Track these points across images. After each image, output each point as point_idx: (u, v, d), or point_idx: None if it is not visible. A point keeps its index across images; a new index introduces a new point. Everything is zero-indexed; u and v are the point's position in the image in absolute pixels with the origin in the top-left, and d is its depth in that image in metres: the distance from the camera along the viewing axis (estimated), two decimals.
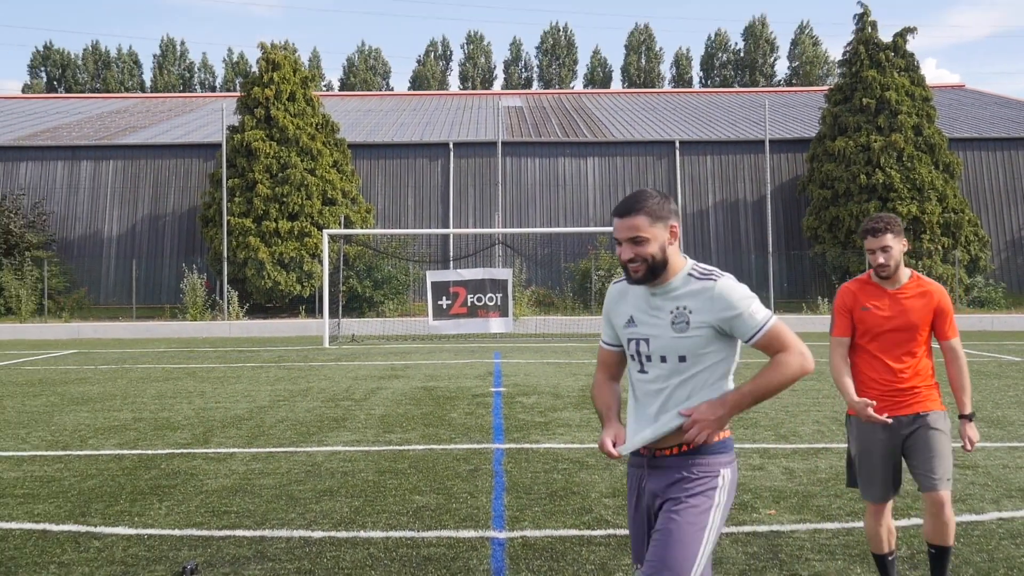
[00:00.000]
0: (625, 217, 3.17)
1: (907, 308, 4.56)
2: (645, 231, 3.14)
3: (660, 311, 3.23)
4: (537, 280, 33.24)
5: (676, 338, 3.19)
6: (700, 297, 3.18)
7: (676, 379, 3.22)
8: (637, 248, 3.15)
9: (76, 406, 11.99)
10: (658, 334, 3.23)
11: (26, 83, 74.64)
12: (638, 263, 3.16)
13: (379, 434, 9.63)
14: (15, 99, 53.69)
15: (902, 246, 4.58)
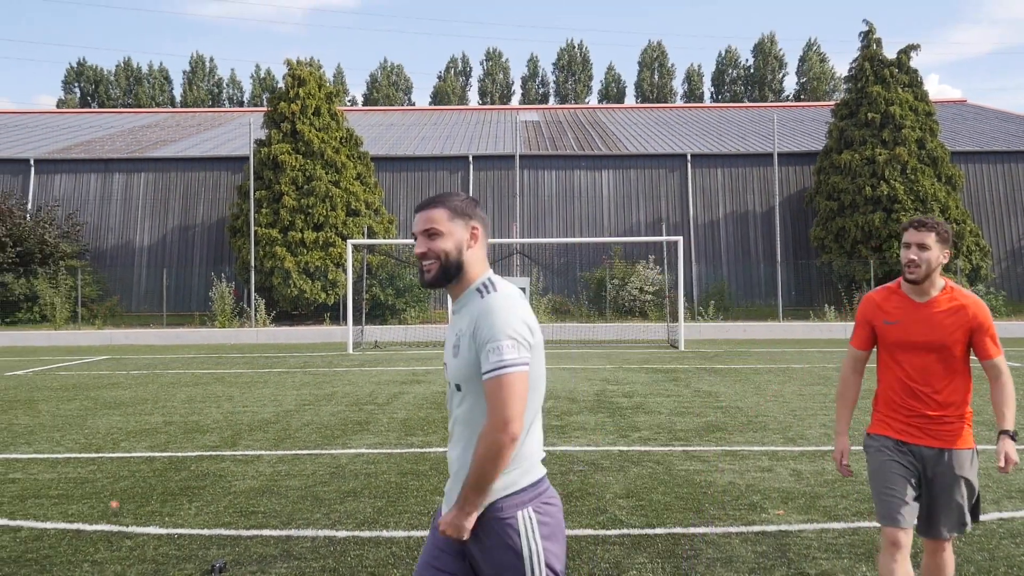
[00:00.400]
0: (423, 210, 2.99)
1: (936, 324, 4.08)
2: (441, 225, 2.91)
3: (452, 331, 2.93)
4: (554, 288, 33.67)
5: (453, 362, 2.85)
6: (472, 315, 2.81)
7: (458, 411, 2.87)
8: (431, 242, 2.91)
9: (109, 410, 12.07)
10: (448, 358, 2.91)
11: (60, 98, 75.38)
12: (431, 260, 2.90)
13: (401, 437, 9.70)
14: (50, 114, 54.21)
15: (942, 256, 4.11)
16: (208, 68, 76.40)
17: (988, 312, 4.13)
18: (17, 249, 30.74)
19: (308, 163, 30.55)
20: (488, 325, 2.72)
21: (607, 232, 34.76)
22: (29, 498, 7.10)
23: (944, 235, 4.13)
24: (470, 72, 79.69)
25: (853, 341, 4.36)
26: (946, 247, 4.14)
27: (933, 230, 4.10)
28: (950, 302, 4.11)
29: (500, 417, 2.67)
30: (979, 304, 4.11)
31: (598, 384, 14.93)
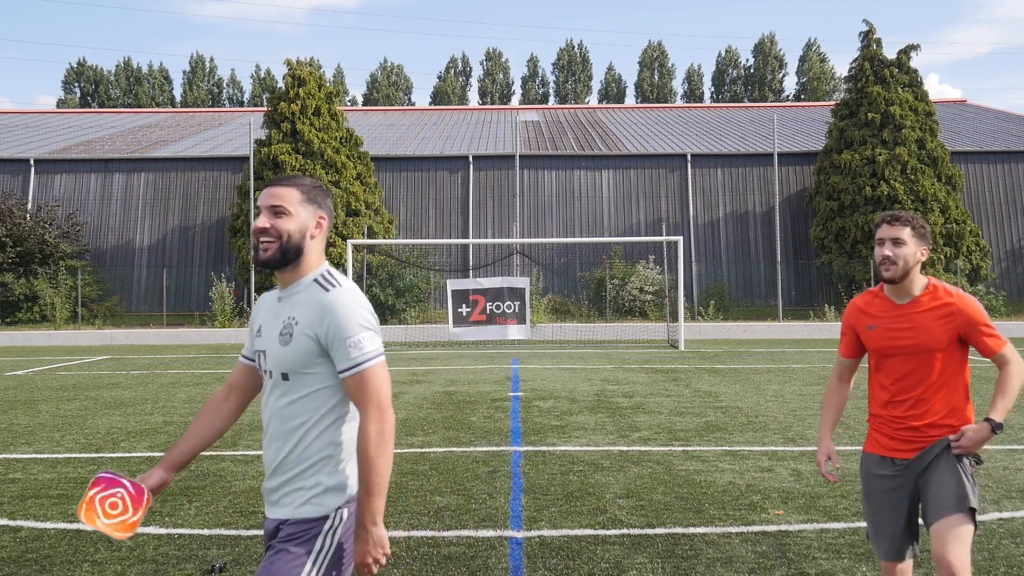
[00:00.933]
0: (273, 186, 2.86)
1: (918, 326, 3.81)
2: (290, 204, 2.82)
3: (278, 319, 2.86)
4: (554, 288, 33.70)
5: (281, 350, 2.79)
6: (312, 306, 2.77)
7: (277, 403, 2.83)
8: (276, 219, 2.81)
9: (109, 410, 12.09)
10: (270, 346, 2.85)
11: (60, 98, 75.47)
12: (271, 238, 2.81)
13: (401, 437, 9.66)
14: (50, 114, 54.18)
15: (919, 252, 3.85)
16: (208, 68, 76.48)
17: (977, 306, 3.83)
18: (17, 249, 30.77)
19: (308, 163, 30.54)
20: (338, 321, 2.71)
21: (607, 232, 34.79)
22: (29, 498, 7.11)
23: (920, 229, 3.88)
24: (470, 72, 79.80)
25: (840, 349, 4.18)
26: (924, 243, 3.88)
27: (908, 224, 3.85)
28: (933, 301, 3.84)
29: (376, 406, 2.71)
30: (965, 299, 3.82)
31: (598, 384, 14.94)
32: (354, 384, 2.73)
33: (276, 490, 2.83)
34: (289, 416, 2.79)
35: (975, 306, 3.84)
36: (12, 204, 31.73)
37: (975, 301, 3.87)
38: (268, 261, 2.81)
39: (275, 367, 2.81)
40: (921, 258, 3.88)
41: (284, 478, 2.81)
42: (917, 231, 3.86)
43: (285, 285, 2.88)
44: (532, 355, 21.60)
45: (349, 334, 2.71)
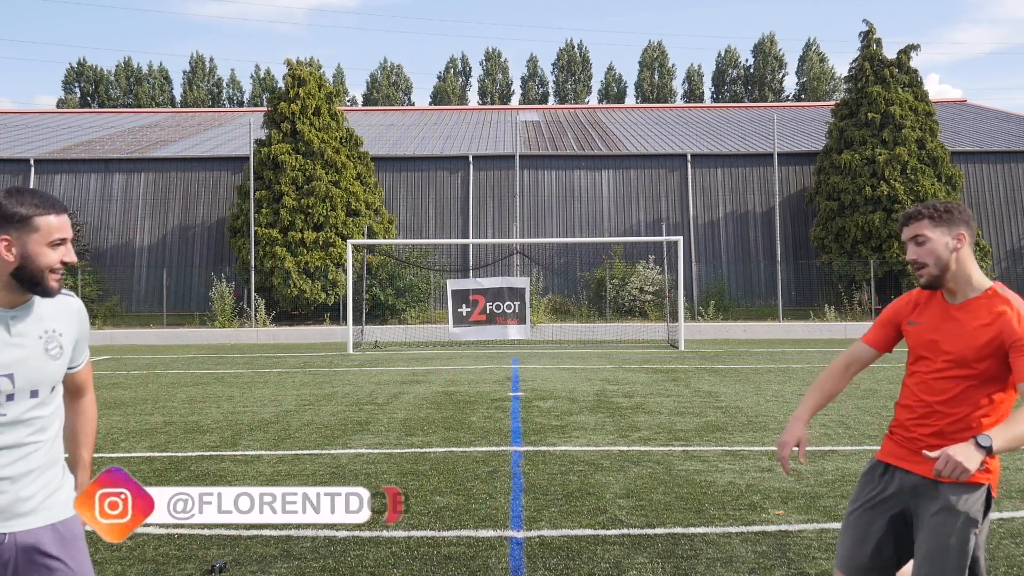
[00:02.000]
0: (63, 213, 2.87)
1: (961, 332, 3.29)
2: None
3: (33, 329, 2.80)
4: (554, 288, 33.69)
5: (52, 364, 2.81)
6: (68, 313, 2.93)
7: (28, 415, 2.78)
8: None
9: (109, 410, 12.01)
10: (37, 362, 2.78)
11: (60, 98, 75.20)
12: None
13: (401, 437, 9.72)
14: (50, 114, 54.13)
15: (954, 241, 3.29)
16: (208, 68, 76.42)
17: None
18: None
19: (308, 163, 30.54)
20: (87, 323, 2.96)
21: (607, 232, 34.79)
22: None
23: (940, 216, 3.30)
24: (470, 72, 79.81)
25: (865, 335, 3.70)
26: (955, 228, 3.29)
27: (924, 216, 3.32)
28: (987, 305, 3.26)
29: (92, 390, 3.13)
30: (1020, 312, 3.18)
31: (598, 384, 14.93)
32: (84, 375, 3.07)
33: (45, 496, 2.82)
34: (43, 427, 2.83)
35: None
36: None
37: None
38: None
39: (42, 383, 2.78)
40: (958, 246, 3.29)
41: (54, 481, 2.88)
42: (938, 218, 3.30)
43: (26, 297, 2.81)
44: (532, 355, 21.59)
45: (87, 337, 3.01)
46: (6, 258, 2.69)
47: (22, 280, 2.72)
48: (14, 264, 2.71)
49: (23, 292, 2.76)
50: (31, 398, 2.73)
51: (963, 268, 3.30)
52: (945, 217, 3.30)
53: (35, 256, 2.72)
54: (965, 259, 3.30)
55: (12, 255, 2.70)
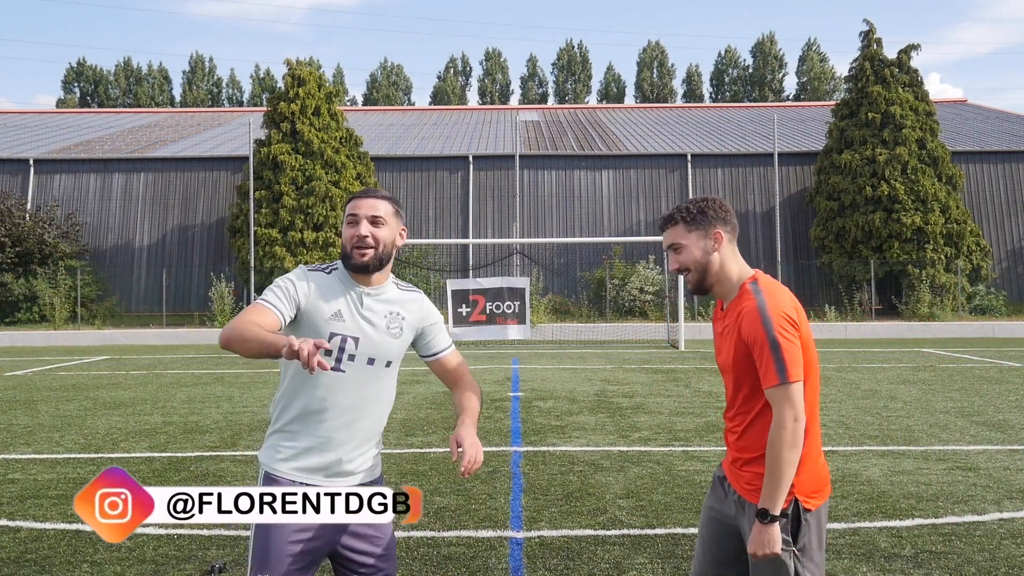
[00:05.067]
0: (371, 198, 3.19)
1: (722, 338, 3.16)
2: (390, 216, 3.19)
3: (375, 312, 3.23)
4: (554, 288, 33.70)
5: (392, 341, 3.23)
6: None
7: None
8: (375, 229, 3.16)
9: (108, 410, 12.02)
10: (372, 334, 3.21)
11: (60, 98, 75.26)
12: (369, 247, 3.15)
13: (401, 437, 9.67)
14: (50, 114, 54.18)
15: (711, 244, 3.09)
16: (208, 68, 76.43)
17: (765, 319, 2.92)
18: (16, 249, 30.75)
19: (308, 163, 30.57)
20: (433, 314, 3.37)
21: (607, 232, 34.79)
22: (29, 498, 7.09)
23: (693, 218, 3.11)
24: (470, 72, 79.83)
25: None
26: (711, 227, 3.09)
27: (677, 221, 3.13)
28: (736, 307, 3.07)
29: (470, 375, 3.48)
30: (754, 309, 2.95)
31: (598, 384, 14.93)
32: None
33: (361, 465, 3.19)
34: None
35: (760, 315, 2.93)
36: (11, 204, 31.70)
37: (767, 308, 2.94)
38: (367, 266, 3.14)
39: (380, 355, 3.16)
40: (716, 246, 3.09)
41: (370, 451, 3.23)
42: (691, 221, 3.10)
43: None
44: (532, 355, 21.60)
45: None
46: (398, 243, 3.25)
47: (343, 257, 3.19)
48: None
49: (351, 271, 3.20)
50: (368, 365, 3.13)
51: (725, 268, 3.12)
52: (699, 219, 3.10)
53: (343, 233, 3.20)
54: (726, 258, 3.11)
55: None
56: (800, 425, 2.85)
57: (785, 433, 2.84)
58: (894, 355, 20.37)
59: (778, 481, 2.86)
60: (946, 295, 30.23)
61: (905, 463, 8.15)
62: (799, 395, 2.87)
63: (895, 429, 10.04)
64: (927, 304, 29.64)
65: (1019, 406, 11.88)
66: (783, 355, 2.87)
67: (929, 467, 7.97)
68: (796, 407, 2.86)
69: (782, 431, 2.84)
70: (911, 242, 30.40)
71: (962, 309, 30.57)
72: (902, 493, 6.99)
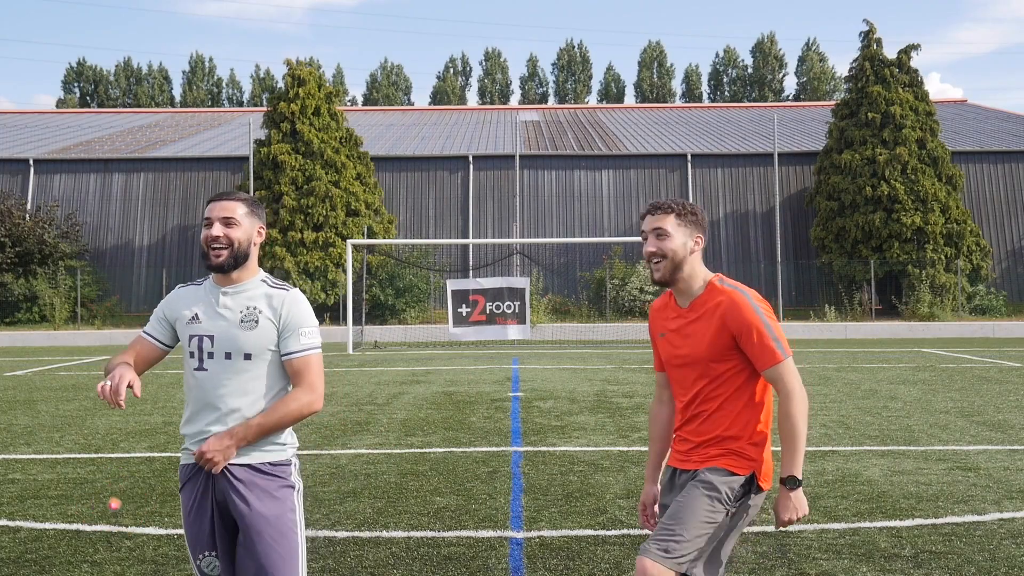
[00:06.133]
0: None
1: (692, 333, 3.26)
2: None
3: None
4: (554, 288, 33.69)
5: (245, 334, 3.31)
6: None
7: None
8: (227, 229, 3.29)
9: (108, 410, 11.96)
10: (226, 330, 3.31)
11: (60, 98, 75.06)
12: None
13: (401, 437, 9.68)
14: (50, 114, 54.15)
15: (692, 242, 3.32)
16: (208, 68, 76.32)
17: (749, 306, 3.17)
18: (16, 249, 30.74)
19: (308, 163, 30.59)
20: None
21: (607, 232, 34.75)
22: (28, 499, 7.07)
23: (687, 215, 3.31)
24: (469, 72, 79.78)
25: (654, 363, 3.58)
26: (696, 231, 3.33)
27: (671, 211, 3.32)
28: (708, 301, 3.26)
29: (309, 386, 3.38)
30: (735, 300, 3.19)
31: (598, 384, 14.93)
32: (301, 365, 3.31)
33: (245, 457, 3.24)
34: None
35: (748, 306, 3.18)
36: (11, 204, 31.69)
37: (749, 300, 3.21)
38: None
39: (235, 348, 3.22)
40: (696, 248, 3.34)
41: (265, 442, 3.28)
42: (684, 218, 3.31)
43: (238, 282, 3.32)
44: (532, 355, 21.58)
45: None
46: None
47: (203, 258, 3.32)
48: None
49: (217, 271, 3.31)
50: (226, 359, 3.22)
51: (694, 270, 3.34)
52: (690, 218, 3.33)
53: (201, 236, 3.33)
54: (697, 262, 3.35)
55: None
56: (805, 392, 3.18)
57: (798, 400, 3.14)
58: (894, 355, 20.37)
59: (799, 448, 3.20)
60: (946, 295, 30.24)
61: (905, 463, 8.14)
62: (796, 370, 3.19)
63: (895, 429, 10.03)
64: (927, 304, 29.64)
65: (1019, 406, 11.87)
66: (777, 334, 3.16)
67: (929, 467, 7.95)
68: (798, 376, 3.18)
69: (794, 399, 3.15)
70: (911, 242, 30.41)
71: (962, 309, 30.58)
72: (902, 493, 6.98)
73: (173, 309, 3.32)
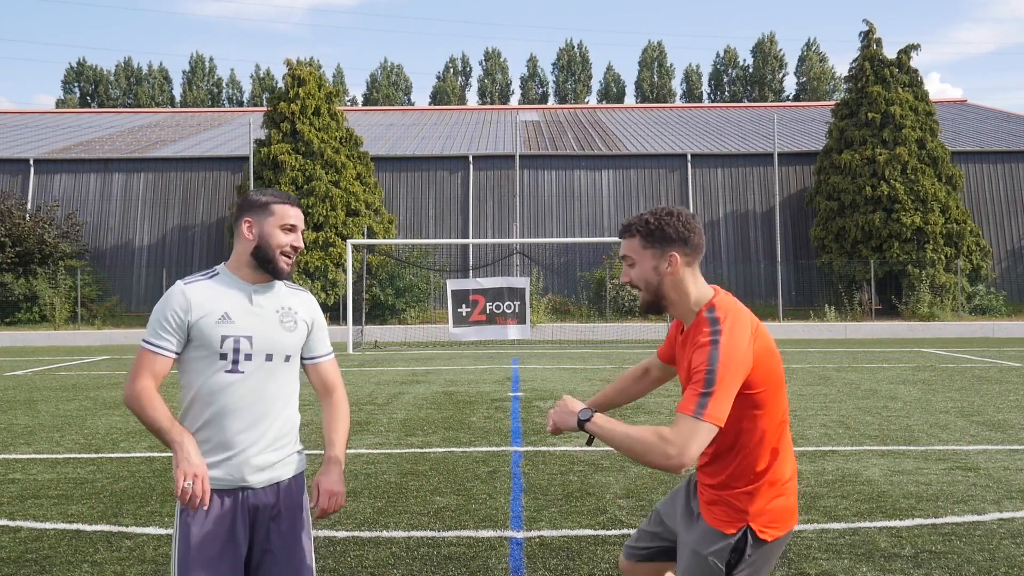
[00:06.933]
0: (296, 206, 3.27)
1: (683, 359, 2.95)
2: None
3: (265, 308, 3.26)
4: (554, 288, 33.72)
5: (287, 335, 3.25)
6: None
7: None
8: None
9: (108, 410, 12.00)
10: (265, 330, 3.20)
11: (60, 98, 75.27)
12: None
13: (401, 437, 9.71)
14: (50, 114, 54.16)
15: (666, 264, 2.89)
16: (208, 68, 76.42)
17: (709, 349, 2.70)
18: (16, 249, 30.74)
19: (308, 163, 30.59)
20: (321, 314, 3.36)
21: (607, 232, 34.72)
22: (29, 498, 7.08)
23: (651, 233, 2.89)
24: (469, 72, 79.82)
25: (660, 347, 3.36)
26: (667, 248, 2.87)
27: (635, 233, 2.91)
28: (693, 337, 2.85)
29: (343, 388, 3.46)
30: (707, 343, 2.73)
31: (598, 384, 14.89)
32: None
33: (277, 460, 3.15)
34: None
35: (709, 347, 2.72)
36: (11, 204, 31.71)
37: (716, 341, 2.73)
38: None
39: (277, 350, 3.13)
40: (670, 269, 2.88)
41: (287, 447, 3.18)
42: (651, 237, 2.89)
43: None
44: (532, 355, 21.57)
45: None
46: (247, 237, 3.15)
47: (259, 259, 3.13)
48: (254, 243, 3.14)
49: (265, 273, 3.16)
50: (266, 362, 3.09)
51: (680, 291, 2.90)
52: (657, 235, 2.87)
53: (269, 236, 3.12)
54: (682, 282, 2.89)
55: (252, 234, 3.14)
56: (676, 461, 2.59)
57: (657, 450, 2.61)
58: (894, 355, 20.36)
59: (613, 433, 2.74)
60: (946, 295, 30.23)
61: (905, 463, 8.14)
62: (701, 439, 2.62)
63: (895, 429, 10.03)
64: (927, 304, 29.64)
65: (1019, 406, 11.86)
66: (713, 391, 2.64)
67: (929, 467, 7.96)
68: (688, 446, 2.60)
69: (660, 446, 2.61)
70: (911, 242, 30.40)
71: (962, 309, 30.58)
72: (902, 493, 6.99)
73: (193, 308, 3.06)
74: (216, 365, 3.06)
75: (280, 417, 3.14)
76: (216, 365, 3.06)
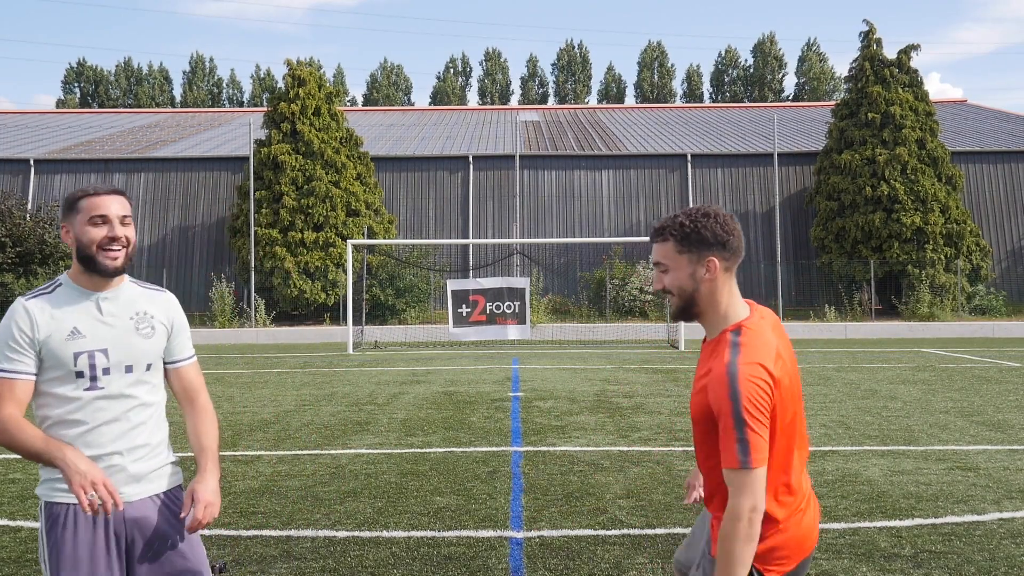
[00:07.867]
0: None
1: (698, 388, 2.72)
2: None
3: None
4: (554, 288, 33.70)
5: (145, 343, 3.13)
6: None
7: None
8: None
9: None
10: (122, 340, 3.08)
11: (60, 98, 75.16)
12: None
13: (401, 437, 9.72)
14: (50, 114, 54.11)
15: (703, 269, 2.71)
16: (208, 68, 76.40)
17: (729, 387, 2.54)
18: (17, 249, 30.71)
19: (308, 163, 30.55)
20: (181, 315, 3.25)
21: (607, 232, 34.77)
22: (29, 498, 7.07)
23: (687, 237, 2.70)
24: (470, 72, 79.83)
25: None
26: (704, 252, 2.69)
27: (669, 237, 2.72)
28: (712, 357, 2.70)
29: (206, 393, 3.44)
30: (719, 370, 2.58)
31: (598, 384, 14.93)
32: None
33: (151, 470, 3.07)
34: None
35: (729, 384, 2.55)
36: (12, 204, 31.66)
37: (735, 376, 2.55)
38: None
39: (136, 360, 3.00)
40: (708, 275, 2.71)
41: (159, 456, 3.12)
42: (687, 241, 2.70)
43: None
44: (532, 355, 21.59)
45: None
46: (68, 242, 2.98)
47: (82, 261, 2.96)
48: (74, 247, 2.97)
49: (94, 275, 2.97)
50: (127, 373, 2.97)
51: (714, 300, 2.73)
52: (693, 238, 2.68)
53: (81, 235, 2.93)
54: (718, 290, 2.73)
55: (71, 239, 2.97)
56: (758, 516, 2.52)
57: (740, 525, 2.50)
58: (894, 355, 20.37)
59: (726, 563, 2.55)
60: (946, 295, 30.24)
61: (905, 463, 8.16)
62: (761, 482, 2.53)
63: (895, 429, 10.04)
64: (927, 304, 29.64)
65: (1019, 406, 11.88)
66: (747, 436, 2.51)
67: (929, 467, 7.97)
68: (756, 495, 2.52)
69: (737, 523, 2.51)
70: (911, 242, 30.40)
71: (962, 309, 30.58)
72: (902, 493, 7.01)
73: (39, 327, 2.87)
74: (73, 384, 2.89)
75: (147, 428, 3.06)
76: (73, 384, 2.89)
